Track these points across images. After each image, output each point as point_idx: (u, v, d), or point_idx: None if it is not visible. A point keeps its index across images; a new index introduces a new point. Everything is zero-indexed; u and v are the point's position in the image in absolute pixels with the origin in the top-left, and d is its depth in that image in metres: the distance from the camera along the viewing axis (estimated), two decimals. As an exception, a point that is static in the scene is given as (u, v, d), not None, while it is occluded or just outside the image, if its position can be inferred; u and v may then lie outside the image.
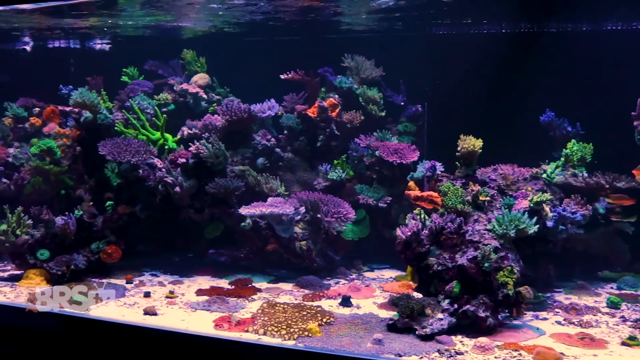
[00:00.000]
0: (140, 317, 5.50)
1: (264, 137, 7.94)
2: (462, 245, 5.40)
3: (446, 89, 8.37)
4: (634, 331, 5.34)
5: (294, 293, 6.35)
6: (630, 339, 5.03)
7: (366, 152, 7.64)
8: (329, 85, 8.47)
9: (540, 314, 5.79)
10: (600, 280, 7.06)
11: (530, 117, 7.81)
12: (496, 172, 6.58)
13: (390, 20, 8.42)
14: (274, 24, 8.75)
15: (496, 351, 4.75)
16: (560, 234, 6.11)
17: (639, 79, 7.42)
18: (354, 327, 5.22)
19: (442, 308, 5.17)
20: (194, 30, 9.73)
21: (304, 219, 6.87)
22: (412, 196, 6.77)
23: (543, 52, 8.16)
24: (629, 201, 6.96)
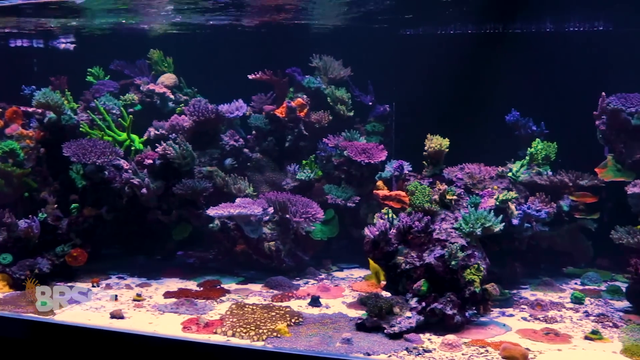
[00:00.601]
0: (107, 320, 5.42)
1: (231, 138, 7.89)
2: (430, 244, 5.45)
3: (414, 88, 8.43)
4: (597, 325, 5.45)
5: (263, 294, 6.33)
6: (593, 333, 5.14)
7: (334, 152, 7.65)
8: (297, 85, 8.46)
9: (506, 311, 5.87)
10: (564, 277, 7.20)
11: (496, 117, 7.92)
12: (463, 171, 6.65)
13: (358, 20, 8.45)
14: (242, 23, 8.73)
15: (463, 348, 4.80)
16: (526, 231, 6.21)
17: (601, 79, 7.61)
18: (323, 327, 5.23)
19: (410, 306, 5.20)
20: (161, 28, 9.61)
21: (272, 219, 6.85)
22: (380, 195, 6.81)
23: (508, 53, 8.26)
24: (592, 198, 7.11)
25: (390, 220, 5.61)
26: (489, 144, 7.62)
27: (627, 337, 5.13)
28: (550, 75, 7.92)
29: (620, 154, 7.19)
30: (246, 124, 8.32)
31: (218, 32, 9.46)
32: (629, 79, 7.55)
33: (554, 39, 8.53)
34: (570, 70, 7.78)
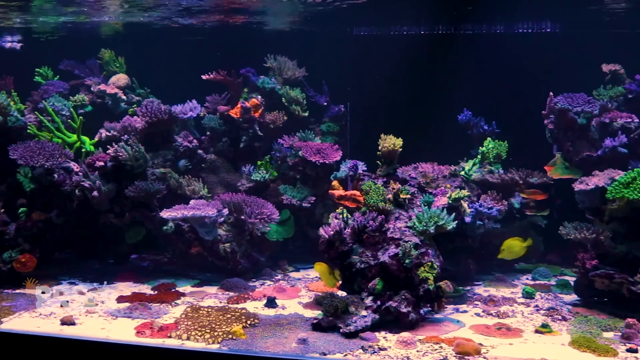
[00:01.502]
0: (57, 327, 5.28)
1: (185, 139, 7.80)
2: (384, 243, 5.50)
3: (368, 89, 8.50)
4: (547, 319, 5.60)
5: (219, 296, 6.27)
6: (543, 327, 5.28)
7: (289, 152, 7.65)
8: (252, 85, 8.42)
9: (460, 307, 5.97)
10: (516, 272, 7.37)
11: (449, 116, 8.05)
12: (416, 170, 6.74)
13: (312, 20, 8.46)
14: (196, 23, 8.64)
15: (418, 345, 4.86)
16: (478, 229, 6.33)
17: (550, 80, 7.81)
18: (279, 328, 5.21)
19: (365, 305, 5.24)
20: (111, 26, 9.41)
21: (227, 220, 6.80)
22: (335, 195, 6.82)
23: (460, 53, 8.41)
24: (541, 196, 7.29)
25: (345, 220, 5.64)
26: (443, 144, 7.74)
27: (575, 330, 5.29)
28: (501, 76, 8.08)
29: (567, 152, 7.40)
30: (200, 125, 8.23)
31: (171, 31, 9.33)
32: (576, 79, 7.78)
33: (504, 40, 8.70)
34: (520, 71, 7.96)
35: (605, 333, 5.23)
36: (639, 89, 7.56)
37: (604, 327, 5.36)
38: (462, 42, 8.79)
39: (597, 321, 5.51)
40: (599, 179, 6.36)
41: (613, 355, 4.69)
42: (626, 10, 7.77)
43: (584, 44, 8.00)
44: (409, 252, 5.26)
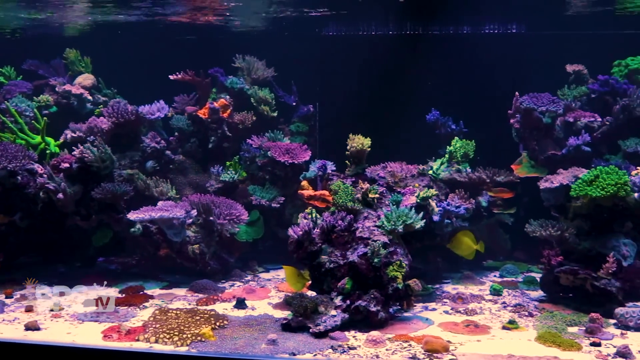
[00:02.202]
0: (22, 333, 5.17)
1: (153, 140, 7.71)
2: (353, 242, 5.51)
3: (337, 89, 8.52)
4: (514, 315, 5.69)
5: (188, 298, 6.22)
6: (510, 323, 5.35)
7: (258, 152, 7.62)
8: (220, 86, 8.37)
9: (429, 305, 6.02)
10: (484, 270, 7.46)
11: (418, 116, 8.11)
12: (385, 170, 6.76)
13: (281, 20, 8.45)
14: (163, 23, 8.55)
15: (387, 343, 4.89)
16: (447, 227, 6.38)
17: (516, 79, 7.92)
18: (248, 329, 5.19)
19: (335, 305, 5.25)
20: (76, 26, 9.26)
21: (196, 222, 6.74)
22: (305, 195, 6.82)
23: (428, 54, 8.49)
24: (508, 194, 7.40)
25: (314, 220, 5.64)
26: (411, 143, 7.80)
27: (541, 325, 5.38)
28: (468, 76, 8.17)
29: (533, 150, 7.51)
30: (168, 126, 8.15)
31: (139, 30, 9.22)
32: (541, 79, 7.92)
33: (471, 40, 8.81)
34: (487, 71, 8.05)
35: (570, 328, 5.33)
36: (601, 88, 7.71)
37: (569, 322, 5.46)
38: (430, 43, 8.86)
39: (562, 316, 5.61)
40: (563, 177, 6.47)
41: (577, 349, 4.78)
42: (589, 12, 7.94)
43: (548, 44, 8.14)
44: (377, 251, 5.28)
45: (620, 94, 7.54)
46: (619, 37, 8.36)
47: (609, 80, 7.71)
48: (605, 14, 8.08)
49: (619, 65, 8.05)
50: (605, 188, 5.81)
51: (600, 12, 7.98)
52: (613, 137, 7.40)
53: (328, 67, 8.58)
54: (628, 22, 8.37)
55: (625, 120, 7.35)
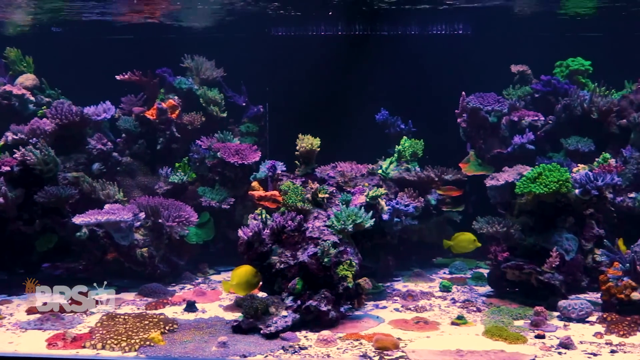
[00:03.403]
0: (-40, 344, 4.99)
1: (99, 141, 7.53)
2: (303, 243, 5.51)
3: (287, 89, 8.51)
4: (463, 311, 5.79)
5: (137, 302, 6.10)
6: (459, 319, 5.45)
7: (208, 153, 7.55)
8: (168, 86, 8.24)
9: (380, 303, 6.07)
10: (434, 267, 7.59)
11: (368, 116, 8.18)
12: (335, 170, 6.79)
13: (230, 20, 8.38)
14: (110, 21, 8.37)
15: (338, 342, 4.90)
16: (396, 226, 6.45)
17: (462, 79, 8.07)
18: (198, 332, 5.13)
19: (286, 305, 5.24)
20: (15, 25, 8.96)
21: (145, 224, 6.63)
22: (255, 196, 6.78)
23: (377, 54, 8.58)
24: (457, 192, 7.54)
25: (264, 221, 5.62)
26: (361, 143, 7.85)
27: (489, 320, 5.49)
28: (416, 76, 8.29)
29: (480, 149, 7.68)
30: (115, 127, 7.98)
31: (84, 29, 8.99)
32: (486, 79, 8.10)
33: (419, 41, 8.93)
34: (435, 71, 8.18)
35: (516, 321, 5.47)
36: (544, 88, 7.95)
37: (515, 316, 5.59)
38: (379, 43, 8.96)
39: (508, 310, 5.75)
40: (508, 175, 6.64)
41: (523, 342, 4.90)
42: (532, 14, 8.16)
43: (494, 45, 8.32)
44: (327, 251, 5.29)
45: (562, 94, 7.79)
46: (561, 38, 8.63)
47: (551, 80, 7.95)
48: (548, 17, 8.33)
49: (560, 66, 8.32)
50: (548, 185, 5.97)
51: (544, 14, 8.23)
52: (556, 135, 7.64)
53: (278, 68, 8.56)
54: (569, 24, 8.66)
55: (566, 119, 7.59)
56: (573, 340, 4.83)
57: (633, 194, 6.77)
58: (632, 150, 7.09)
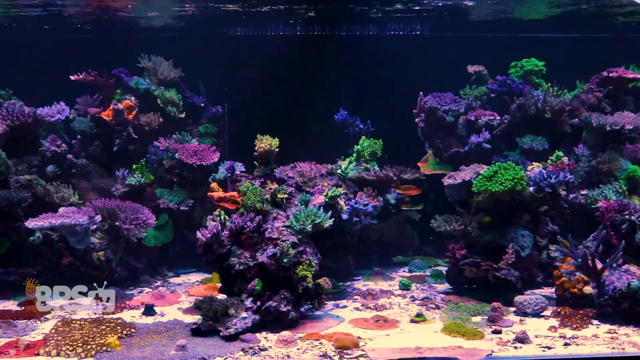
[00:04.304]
0: None
1: (53, 143, 7.35)
2: (263, 243, 5.50)
3: (246, 89, 8.47)
4: (422, 309, 5.86)
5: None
6: (418, 316, 5.51)
7: (166, 155, 7.45)
8: (125, 86, 8.10)
9: (340, 303, 6.10)
10: (394, 265, 7.65)
11: (327, 116, 8.19)
12: (294, 170, 6.79)
13: (187, 19, 8.29)
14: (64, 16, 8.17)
15: (299, 343, 4.90)
16: (355, 225, 6.48)
17: (421, 80, 8.16)
18: (157, 336, 5.06)
19: (245, 307, 5.21)
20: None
21: (101, 228, 6.50)
22: (215, 197, 6.72)
23: (336, 54, 8.61)
24: (415, 191, 7.62)
25: (222, 222, 5.58)
26: (321, 143, 7.86)
27: (447, 317, 5.56)
28: (375, 76, 8.34)
29: (438, 148, 7.78)
30: (70, 129, 7.80)
31: (37, 27, 8.75)
32: (444, 79, 8.21)
33: (377, 41, 9.00)
34: (393, 71, 8.25)
35: (474, 318, 5.55)
36: (500, 88, 8.09)
37: (473, 312, 5.68)
38: (337, 43, 8.98)
39: (466, 307, 5.84)
40: (465, 174, 6.74)
41: (480, 338, 4.98)
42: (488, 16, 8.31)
43: (451, 46, 8.45)
44: (286, 251, 5.29)
45: (517, 94, 7.95)
46: (516, 40, 8.81)
47: (506, 80, 8.11)
48: (503, 19, 8.49)
49: (515, 67, 8.49)
50: (503, 183, 6.09)
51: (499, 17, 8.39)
52: (511, 134, 7.79)
53: (237, 68, 8.52)
54: (524, 26, 8.85)
55: (521, 119, 7.75)
56: (528, 335, 4.93)
57: (585, 191, 6.96)
58: (584, 148, 7.28)
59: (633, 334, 5.04)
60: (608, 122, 7.14)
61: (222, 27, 8.71)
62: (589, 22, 8.59)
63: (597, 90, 7.85)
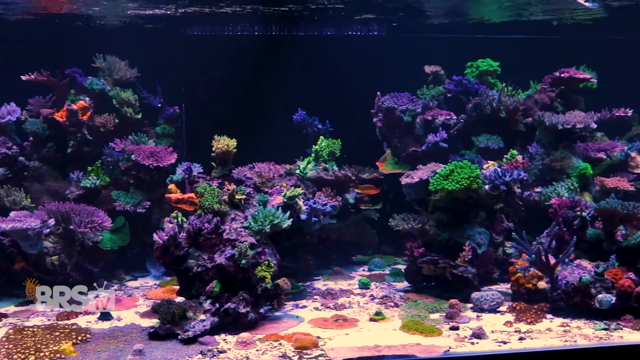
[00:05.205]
0: None
1: (3, 145, 7.13)
2: (221, 245, 5.46)
3: (204, 89, 8.39)
4: (381, 307, 5.91)
5: (47, 313, 5.84)
6: (377, 315, 5.55)
7: (122, 156, 7.32)
8: (79, 87, 7.91)
9: (300, 303, 6.10)
10: (354, 265, 7.68)
11: (286, 116, 8.18)
12: (252, 171, 6.76)
13: (143, 19, 8.16)
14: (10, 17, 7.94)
15: (258, 344, 4.88)
16: (314, 225, 6.48)
17: (380, 80, 8.22)
18: (113, 341, 4.98)
19: (204, 309, 5.17)
20: None
21: (55, 231, 6.34)
22: (172, 199, 6.63)
23: (294, 55, 8.59)
24: (374, 190, 7.67)
25: (180, 224, 5.51)
26: (280, 143, 7.85)
27: (406, 314, 5.63)
28: (334, 76, 8.36)
29: (396, 148, 7.85)
30: (22, 130, 7.58)
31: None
32: (402, 79, 8.28)
33: (335, 42, 9.03)
34: (351, 71, 8.29)
35: (432, 315, 5.63)
36: (456, 88, 8.20)
37: (431, 310, 5.76)
38: (296, 43, 8.98)
39: (425, 304, 5.91)
40: (422, 173, 6.82)
41: (438, 335, 5.05)
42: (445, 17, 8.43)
43: (409, 46, 8.53)
44: (245, 252, 5.26)
45: (473, 94, 8.07)
46: (472, 41, 8.95)
47: (462, 80, 8.22)
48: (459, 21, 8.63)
49: (471, 67, 8.62)
50: (459, 182, 6.18)
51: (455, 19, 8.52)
52: (467, 133, 7.91)
53: (194, 68, 8.43)
54: (479, 28, 8.99)
55: (477, 118, 7.88)
56: (485, 330, 5.03)
57: (539, 188, 7.11)
58: (537, 146, 7.44)
59: (584, 327, 5.19)
60: (560, 121, 7.32)
61: (179, 27, 8.60)
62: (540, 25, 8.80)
63: (550, 90, 8.03)
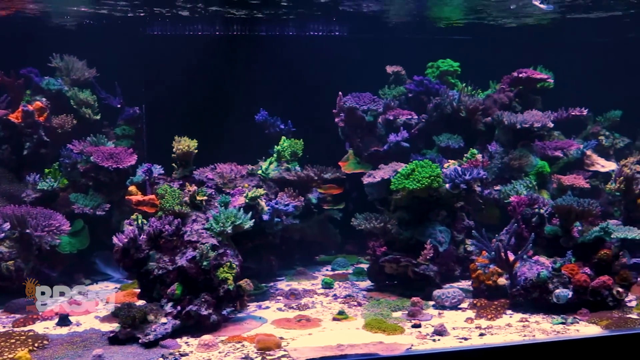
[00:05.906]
0: None
1: (-44, 148, 6.96)
2: (182, 247, 5.40)
3: (164, 90, 8.29)
4: (344, 306, 5.92)
5: (3, 320, 5.68)
6: (340, 314, 5.58)
7: (80, 158, 7.18)
8: (35, 87, 7.75)
9: (263, 304, 6.08)
10: (317, 264, 7.69)
11: (248, 116, 8.14)
12: (214, 171, 6.72)
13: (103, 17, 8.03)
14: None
15: (220, 346, 4.85)
16: (277, 225, 6.47)
17: (341, 80, 8.24)
18: (72, 347, 4.88)
19: (165, 312, 5.11)
20: None
21: (10, 236, 6.17)
22: (133, 201, 6.53)
23: (256, 54, 8.57)
24: (337, 190, 7.69)
25: (140, 226, 5.44)
26: (243, 143, 7.81)
27: (369, 313, 5.66)
28: (295, 76, 8.35)
29: (358, 147, 7.88)
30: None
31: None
32: (363, 79, 8.32)
33: (297, 42, 9.03)
34: (313, 72, 8.29)
35: (394, 313, 5.67)
36: (417, 88, 8.29)
37: (394, 308, 5.80)
38: (257, 44, 8.95)
39: (387, 303, 5.95)
40: (384, 172, 6.87)
41: (400, 333, 5.10)
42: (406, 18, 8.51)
43: (370, 47, 8.57)
44: (206, 254, 5.22)
45: (433, 94, 8.17)
46: (433, 41, 9.06)
47: (423, 80, 8.31)
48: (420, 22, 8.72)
49: (432, 67, 8.72)
50: (420, 181, 6.25)
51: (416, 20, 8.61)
52: (428, 133, 7.99)
53: (154, 68, 8.33)
54: (439, 29, 9.11)
55: (438, 117, 7.97)
56: (446, 327, 5.09)
57: (498, 186, 7.23)
58: (496, 145, 7.57)
59: (543, 321, 5.30)
60: (518, 121, 7.46)
61: (139, 27, 8.48)
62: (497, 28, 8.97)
63: (508, 90, 8.18)
